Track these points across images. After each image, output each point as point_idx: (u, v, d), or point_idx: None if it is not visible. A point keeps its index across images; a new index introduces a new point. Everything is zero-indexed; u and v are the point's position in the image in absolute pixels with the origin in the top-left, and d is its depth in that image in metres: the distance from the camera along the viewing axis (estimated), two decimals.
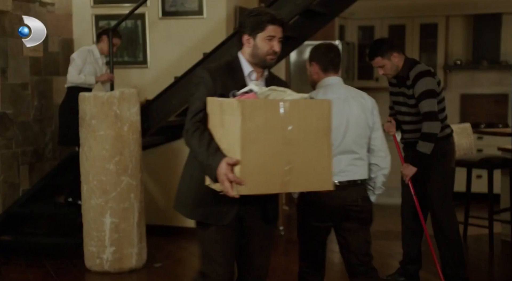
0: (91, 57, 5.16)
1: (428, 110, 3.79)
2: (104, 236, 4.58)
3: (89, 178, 4.60)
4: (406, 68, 3.90)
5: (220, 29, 5.53)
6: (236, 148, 2.28)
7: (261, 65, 2.61)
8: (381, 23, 7.86)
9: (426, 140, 3.79)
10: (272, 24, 2.55)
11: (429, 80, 3.81)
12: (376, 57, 3.89)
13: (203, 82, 2.54)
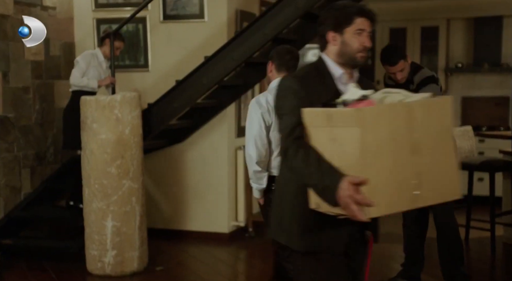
0: (95, 60, 5.17)
1: None
2: (106, 240, 4.58)
3: (91, 182, 4.60)
4: (410, 72, 3.90)
5: (221, 33, 5.53)
6: (357, 164, 1.98)
7: (350, 64, 2.29)
8: (382, 26, 7.86)
9: None
10: (360, 16, 2.24)
11: (434, 87, 3.78)
12: (400, 60, 3.84)
13: (292, 93, 2.18)
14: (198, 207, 5.78)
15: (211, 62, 4.93)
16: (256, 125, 3.36)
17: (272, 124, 3.34)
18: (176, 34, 5.70)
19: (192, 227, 5.80)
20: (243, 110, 5.97)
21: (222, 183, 5.73)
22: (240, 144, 5.89)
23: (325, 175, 2.03)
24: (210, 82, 4.95)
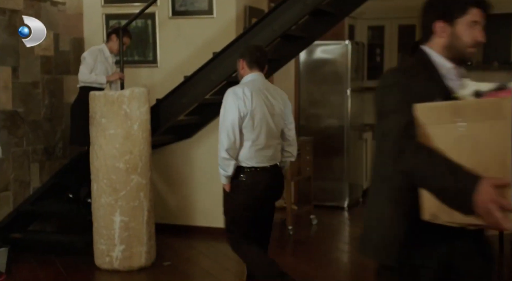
0: (101, 56, 5.19)
1: None
2: (114, 235, 4.60)
3: (99, 177, 4.62)
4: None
5: (230, 29, 5.54)
6: (499, 163, 1.70)
7: (458, 60, 2.04)
8: (391, 23, 7.84)
9: None
10: (476, 6, 2.00)
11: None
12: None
13: (398, 88, 1.96)
14: (206, 202, 5.79)
15: (219, 58, 4.94)
16: (232, 115, 3.51)
17: (247, 115, 3.50)
18: (184, 30, 5.71)
19: (199, 222, 5.81)
20: None
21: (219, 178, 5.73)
22: None
23: (459, 177, 1.71)
24: (219, 78, 4.96)
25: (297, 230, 5.98)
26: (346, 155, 6.94)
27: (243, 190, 3.58)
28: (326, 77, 7.01)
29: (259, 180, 3.57)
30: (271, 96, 3.65)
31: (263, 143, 3.57)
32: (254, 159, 3.56)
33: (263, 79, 3.70)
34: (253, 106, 3.53)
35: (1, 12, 5.07)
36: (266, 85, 3.71)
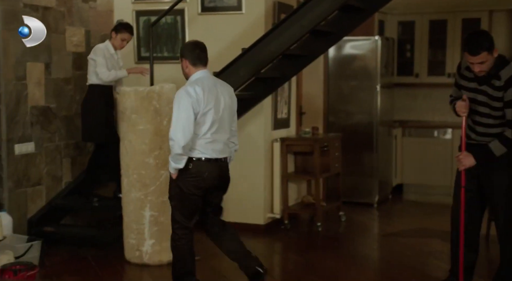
0: (107, 53, 5.23)
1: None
2: (144, 229, 4.65)
3: (129, 172, 4.67)
4: (495, 66, 3.52)
5: (259, 25, 5.53)
6: None
7: None
8: (421, 18, 7.74)
9: (505, 145, 3.54)
10: None
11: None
12: (483, 51, 3.44)
13: None
14: (234, 198, 5.81)
15: (248, 54, 4.94)
16: (187, 114, 3.66)
17: (200, 112, 3.69)
18: (213, 26, 5.72)
19: (227, 218, 5.82)
20: (280, 103, 5.97)
21: (258, 175, 5.74)
22: (276, 136, 5.89)
23: None
24: (247, 74, 4.96)
25: (326, 226, 5.96)
26: (375, 152, 6.89)
27: (188, 179, 3.76)
28: (356, 73, 6.96)
29: (204, 171, 3.76)
30: (220, 91, 3.82)
31: (213, 137, 3.77)
32: (202, 152, 3.75)
33: (209, 75, 3.89)
34: (206, 104, 3.70)
35: (34, 9, 5.16)
36: (214, 81, 3.88)
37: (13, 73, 5.00)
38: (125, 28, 5.22)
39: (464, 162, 3.68)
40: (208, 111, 3.72)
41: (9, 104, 4.97)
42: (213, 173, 3.79)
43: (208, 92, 3.74)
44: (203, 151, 3.75)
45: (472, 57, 3.50)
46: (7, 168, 4.96)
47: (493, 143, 3.58)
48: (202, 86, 3.72)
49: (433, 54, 7.81)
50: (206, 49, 3.88)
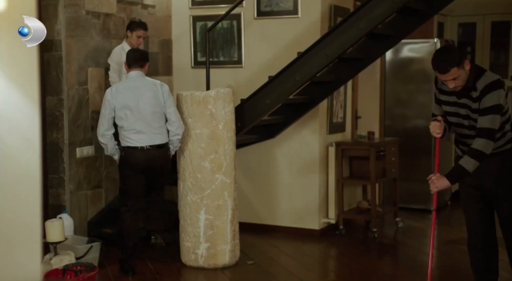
0: (124, 54, 5.10)
1: (489, 127, 3.33)
2: (199, 232, 4.70)
3: (186, 175, 4.73)
4: (472, 78, 3.39)
5: (315, 28, 5.51)
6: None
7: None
8: (483, 20, 7.53)
9: (475, 158, 3.35)
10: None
11: (500, 93, 3.35)
12: (452, 68, 3.32)
13: None
14: (288, 203, 5.80)
15: (304, 58, 4.92)
16: (106, 108, 4.54)
17: (116, 107, 4.52)
18: (269, 30, 5.73)
19: (282, 222, 5.83)
20: (335, 107, 5.92)
21: (313, 179, 5.71)
22: (332, 140, 5.85)
23: None
24: (303, 78, 4.94)
25: (381, 232, 5.87)
26: (433, 157, 6.73)
27: (123, 164, 4.63)
28: (413, 76, 6.83)
29: (131, 157, 4.56)
30: (144, 89, 4.56)
31: (135, 128, 4.52)
32: (128, 141, 4.55)
33: (138, 75, 4.61)
34: (121, 100, 4.51)
35: (96, 16, 5.30)
36: (141, 80, 4.61)
37: (75, 79, 5.15)
38: (138, 25, 5.21)
39: (437, 184, 3.54)
40: (125, 106, 4.51)
41: (71, 108, 5.12)
42: (139, 159, 4.56)
43: (127, 90, 4.54)
44: (128, 140, 4.55)
45: (442, 75, 3.39)
46: (69, 171, 5.12)
47: (463, 159, 3.41)
48: (123, 85, 4.59)
49: (496, 56, 7.59)
50: (144, 54, 4.77)
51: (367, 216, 5.93)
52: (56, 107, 5.10)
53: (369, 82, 6.66)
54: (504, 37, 7.43)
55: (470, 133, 3.52)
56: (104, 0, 5.36)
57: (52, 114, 5.10)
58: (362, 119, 6.59)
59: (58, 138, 5.11)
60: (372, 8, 4.58)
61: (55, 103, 5.10)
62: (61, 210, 5.03)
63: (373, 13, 4.58)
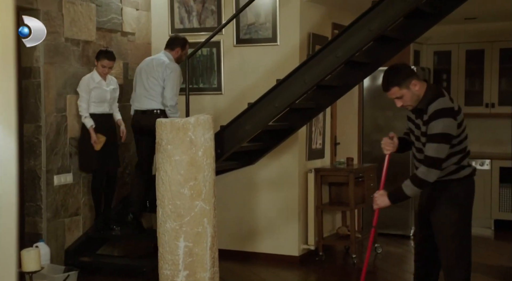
0: (93, 83, 5.20)
1: (432, 156, 3.29)
2: (178, 260, 4.65)
3: (165, 202, 4.70)
4: (426, 100, 3.38)
5: (294, 56, 5.58)
6: None
7: None
8: (458, 48, 7.68)
9: (416, 185, 3.36)
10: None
11: (448, 122, 3.29)
12: (392, 87, 3.39)
13: None
14: (268, 229, 5.78)
15: (283, 85, 4.96)
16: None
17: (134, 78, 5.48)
18: (249, 58, 5.79)
19: (262, 249, 5.80)
20: (314, 133, 5.96)
21: (292, 205, 5.72)
22: (311, 166, 5.87)
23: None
24: (282, 105, 4.98)
25: (361, 258, 5.87)
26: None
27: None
28: (391, 103, 6.78)
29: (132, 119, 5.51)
30: (145, 64, 5.38)
31: (136, 94, 5.48)
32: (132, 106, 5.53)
33: (153, 57, 5.45)
34: (136, 73, 5.55)
35: (75, 43, 5.31)
36: (151, 59, 5.42)
37: (54, 105, 5.13)
38: (103, 55, 5.23)
39: (378, 202, 3.58)
40: (136, 76, 5.36)
41: (49, 135, 5.09)
42: (133, 121, 5.36)
43: (140, 66, 5.36)
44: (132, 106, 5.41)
45: (387, 93, 3.47)
46: (46, 199, 5.06)
47: (405, 182, 3.42)
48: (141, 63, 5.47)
49: (470, 84, 7.73)
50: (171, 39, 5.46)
51: (347, 242, 5.94)
52: (34, 134, 5.06)
53: (347, 108, 6.73)
54: (478, 65, 7.59)
55: (418, 155, 3.53)
56: (84, 27, 5.38)
57: (30, 141, 5.06)
58: (341, 145, 6.64)
59: (36, 165, 5.06)
60: (350, 37, 4.66)
61: (33, 130, 5.06)
62: (38, 238, 4.96)
63: (351, 41, 4.65)
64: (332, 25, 6.14)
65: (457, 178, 3.43)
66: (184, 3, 6.03)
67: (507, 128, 7.63)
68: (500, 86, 7.52)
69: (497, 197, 7.16)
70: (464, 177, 3.45)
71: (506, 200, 7.13)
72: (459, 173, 3.44)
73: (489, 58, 7.51)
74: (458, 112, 3.41)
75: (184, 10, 6.03)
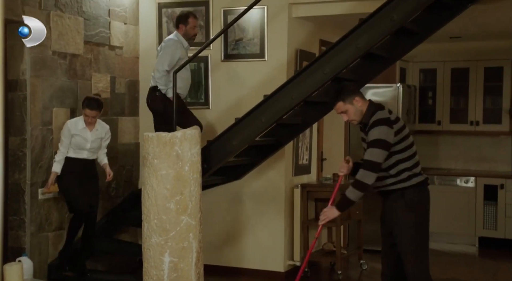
0: (75, 129, 5.03)
1: (369, 159, 3.66)
2: (163, 275, 4.61)
3: (150, 217, 4.67)
4: (369, 115, 3.77)
5: (281, 72, 5.60)
6: None
7: None
8: (443, 66, 7.77)
9: (356, 188, 3.71)
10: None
11: (383, 129, 3.66)
12: (338, 102, 3.82)
13: None
14: (254, 245, 5.77)
15: (270, 100, 4.98)
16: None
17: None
18: (236, 73, 5.81)
19: (248, 265, 5.78)
20: (301, 149, 5.98)
21: (278, 221, 5.71)
22: (297, 182, 5.88)
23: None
24: (269, 120, 4.99)
25: (346, 275, 5.86)
26: None
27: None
28: None
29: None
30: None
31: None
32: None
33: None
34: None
35: (62, 56, 5.30)
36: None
37: (39, 119, 5.10)
38: (86, 103, 5.03)
39: (327, 214, 3.92)
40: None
41: (34, 148, 5.05)
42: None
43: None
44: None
45: (333, 108, 3.88)
46: (30, 213, 5.01)
47: (348, 189, 3.75)
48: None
49: (455, 102, 7.81)
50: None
51: (332, 258, 5.93)
52: (19, 147, 5.02)
53: (334, 125, 6.76)
54: (463, 83, 7.68)
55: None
56: (71, 40, 5.37)
57: (15, 154, 5.02)
58: (327, 161, 6.66)
59: (20, 178, 5.02)
60: (337, 53, 4.69)
61: (18, 143, 5.02)
62: (21, 252, 4.90)
63: (338, 58, 4.69)
64: (319, 41, 6.19)
65: (410, 185, 3.72)
66: (172, 18, 6.05)
67: (492, 146, 7.71)
68: (485, 104, 7.60)
69: (482, 214, 7.20)
70: (417, 184, 3.74)
71: (491, 217, 7.18)
72: (411, 180, 3.73)
73: (474, 76, 7.60)
74: (395, 121, 3.74)
75: (172, 25, 6.05)
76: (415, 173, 3.75)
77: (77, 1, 5.41)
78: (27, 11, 4.81)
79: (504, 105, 7.47)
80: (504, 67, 7.46)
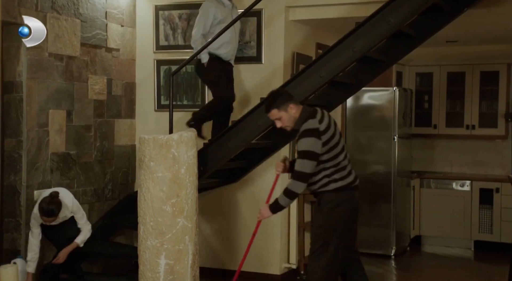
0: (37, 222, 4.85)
1: (299, 170, 3.85)
2: (159, 278, 4.61)
3: (146, 219, 4.67)
4: (300, 121, 3.90)
5: (278, 75, 5.61)
6: None
7: None
8: (439, 70, 7.79)
9: (287, 196, 3.94)
10: None
11: (311, 141, 3.80)
12: (272, 109, 3.92)
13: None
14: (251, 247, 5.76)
15: None
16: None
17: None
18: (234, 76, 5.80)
19: (243, 267, 5.75)
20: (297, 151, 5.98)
21: (274, 224, 5.71)
22: None
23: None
24: (265, 124, 5.00)
25: None
26: (393, 202, 6.83)
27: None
28: (373, 123, 6.98)
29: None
30: None
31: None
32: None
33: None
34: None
35: (59, 58, 5.29)
36: None
37: (35, 120, 5.10)
38: (41, 212, 4.77)
39: (262, 212, 4.14)
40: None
41: (30, 150, 5.04)
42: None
43: None
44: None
45: (267, 114, 4.00)
46: (26, 215, 4.99)
47: (280, 194, 3.95)
48: None
49: (452, 106, 7.83)
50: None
51: None
52: (15, 149, 5.01)
53: None
54: (459, 87, 7.70)
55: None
56: (68, 42, 5.37)
57: (10, 156, 5.01)
58: None
59: (16, 180, 5.01)
60: (334, 57, 4.71)
61: (13, 145, 5.01)
62: (16, 254, 4.89)
63: (335, 61, 4.70)
64: (316, 45, 6.20)
65: (328, 190, 3.93)
66: (169, 20, 6.06)
67: (487, 150, 7.73)
68: (481, 108, 7.62)
69: (477, 218, 7.22)
70: (335, 190, 3.93)
71: (486, 221, 7.20)
72: (329, 185, 3.93)
73: (470, 80, 7.63)
74: (324, 132, 3.87)
75: (169, 27, 6.05)
76: (334, 179, 3.92)
77: (74, 3, 5.41)
78: (23, 13, 4.81)
79: (500, 109, 7.50)
80: (500, 71, 7.48)
